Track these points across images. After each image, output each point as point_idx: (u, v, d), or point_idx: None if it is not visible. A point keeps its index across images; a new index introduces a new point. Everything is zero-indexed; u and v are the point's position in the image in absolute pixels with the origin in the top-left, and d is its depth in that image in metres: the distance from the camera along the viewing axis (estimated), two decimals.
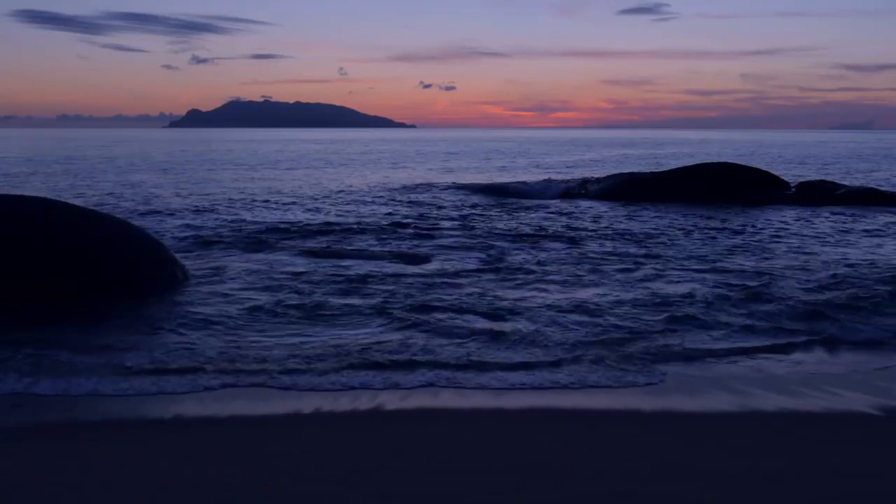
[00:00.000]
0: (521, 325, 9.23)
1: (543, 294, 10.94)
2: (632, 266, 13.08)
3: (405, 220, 19.27)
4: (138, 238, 11.74)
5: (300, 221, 18.98)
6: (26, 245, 10.32)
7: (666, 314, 9.67)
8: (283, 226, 18.09)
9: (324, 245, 15.26)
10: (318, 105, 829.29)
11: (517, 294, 10.94)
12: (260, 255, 14.03)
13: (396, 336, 8.84)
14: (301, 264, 13.13)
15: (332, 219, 19.58)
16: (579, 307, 10.06)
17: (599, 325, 9.25)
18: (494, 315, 9.68)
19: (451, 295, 10.83)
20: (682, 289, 11.22)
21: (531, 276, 12.19)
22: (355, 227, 18.03)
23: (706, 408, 6.74)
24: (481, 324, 9.29)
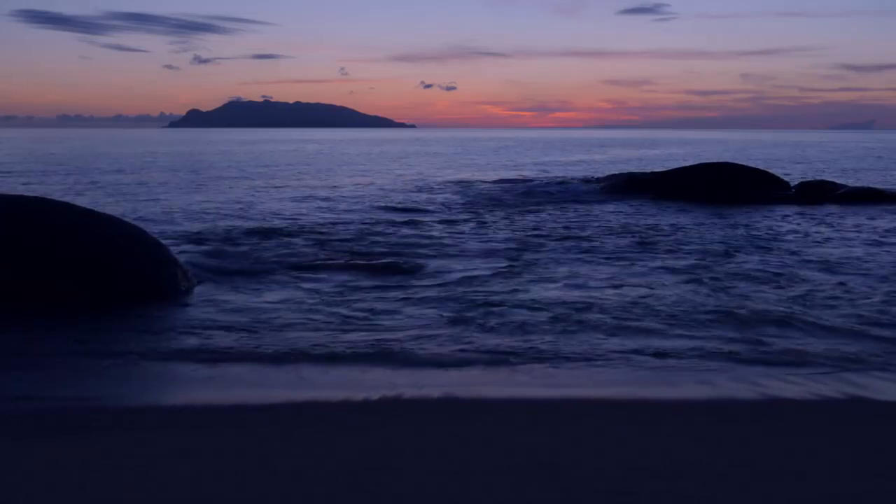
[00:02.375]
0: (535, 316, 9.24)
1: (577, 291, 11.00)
2: (644, 264, 13.11)
3: (398, 218, 19.27)
4: (139, 238, 11.73)
5: (308, 220, 18.97)
6: (26, 245, 10.32)
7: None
8: (291, 225, 18.10)
9: (326, 246, 15.27)
10: (318, 105, 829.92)
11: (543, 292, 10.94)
12: (265, 255, 13.98)
13: (408, 332, 8.86)
14: (311, 261, 13.12)
15: (340, 218, 19.58)
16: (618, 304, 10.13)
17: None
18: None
19: (480, 291, 10.87)
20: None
21: (558, 274, 12.21)
22: (355, 226, 18.03)
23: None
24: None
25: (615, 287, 11.30)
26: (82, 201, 20.49)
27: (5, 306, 9.58)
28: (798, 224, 18.73)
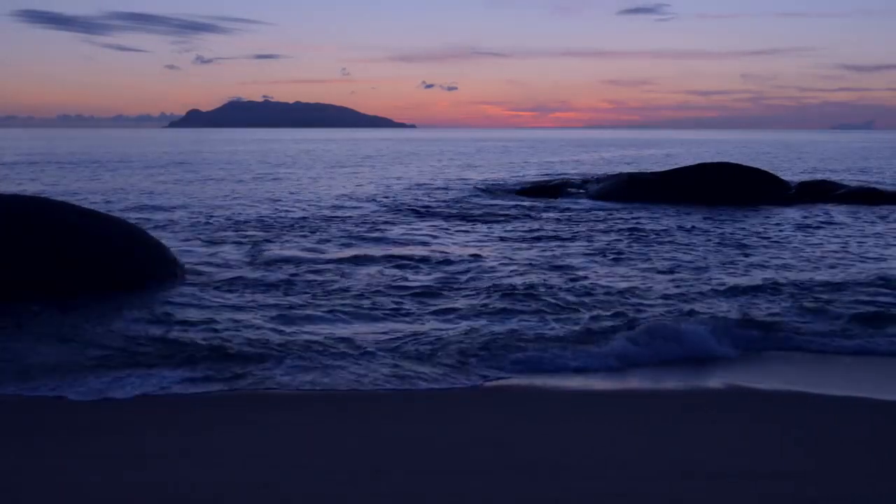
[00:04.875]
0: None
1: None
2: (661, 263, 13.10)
3: (388, 216, 19.25)
4: (138, 238, 11.74)
5: (318, 217, 18.95)
6: (25, 245, 10.31)
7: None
8: (298, 224, 18.11)
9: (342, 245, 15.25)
10: (319, 105, 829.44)
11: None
12: (269, 255, 13.89)
13: (406, 329, 8.89)
14: (322, 264, 13.03)
15: (342, 213, 19.58)
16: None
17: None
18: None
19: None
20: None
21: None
22: (344, 218, 18.03)
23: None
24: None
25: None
26: (82, 200, 20.48)
27: (4, 306, 9.55)
28: (801, 224, 18.70)
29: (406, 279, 11.81)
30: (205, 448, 5.58)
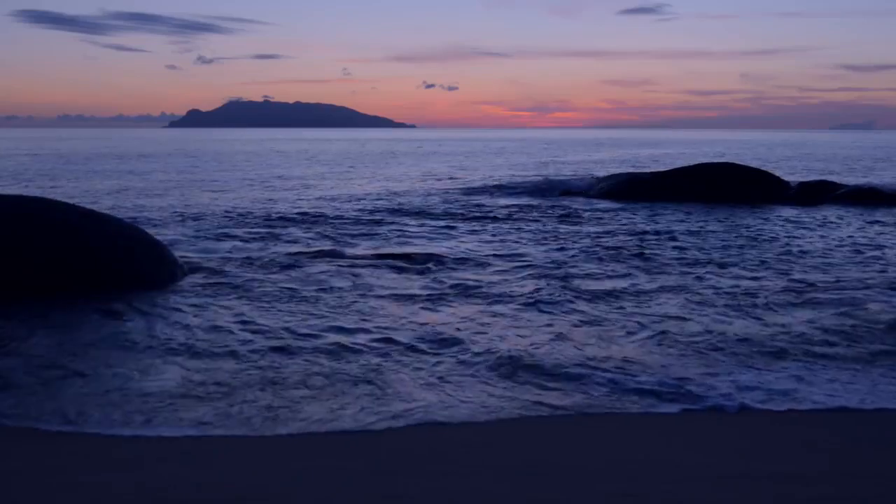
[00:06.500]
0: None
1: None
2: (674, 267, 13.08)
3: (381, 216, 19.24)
4: (139, 238, 11.73)
5: (324, 214, 18.94)
6: (27, 245, 10.31)
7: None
8: (298, 224, 18.09)
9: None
10: (319, 105, 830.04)
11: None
12: (269, 255, 13.88)
13: (412, 333, 8.84)
14: (326, 270, 12.74)
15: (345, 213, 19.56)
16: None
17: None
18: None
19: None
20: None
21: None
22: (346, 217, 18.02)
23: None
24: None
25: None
26: (83, 201, 20.46)
27: (6, 306, 9.55)
28: (802, 224, 18.68)
29: (409, 282, 11.78)
30: (205, 449, 5.57)
